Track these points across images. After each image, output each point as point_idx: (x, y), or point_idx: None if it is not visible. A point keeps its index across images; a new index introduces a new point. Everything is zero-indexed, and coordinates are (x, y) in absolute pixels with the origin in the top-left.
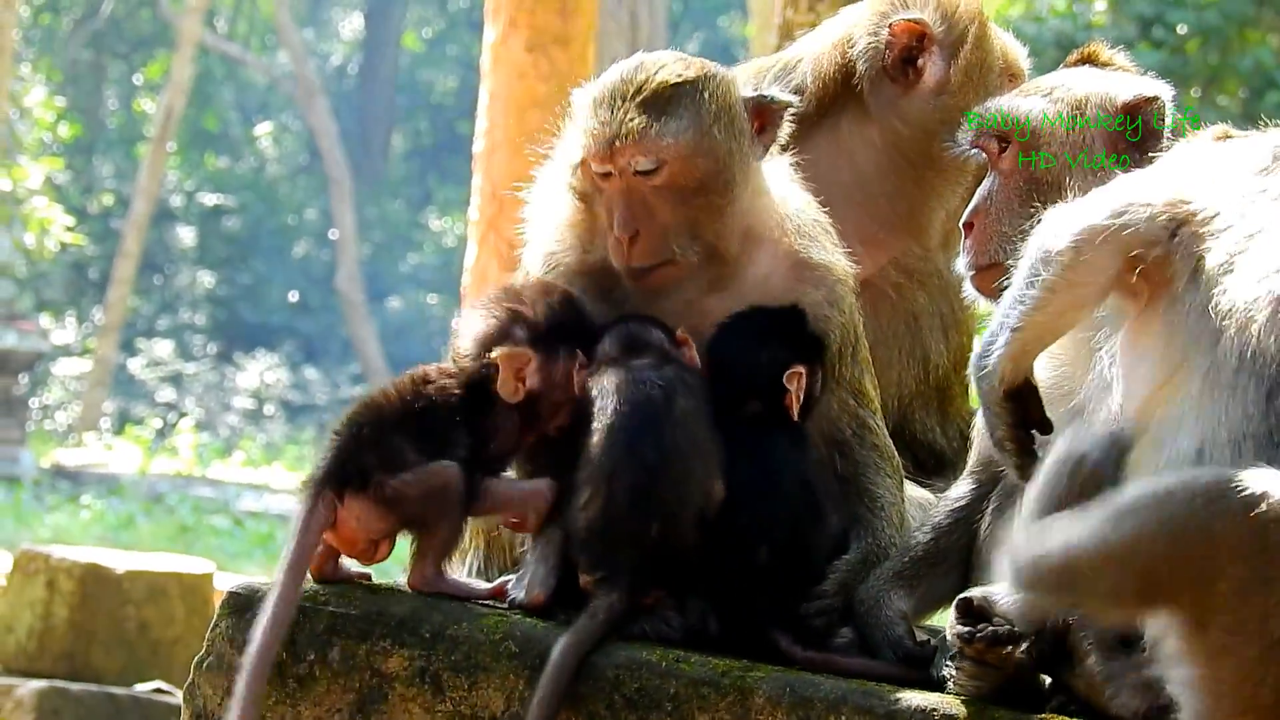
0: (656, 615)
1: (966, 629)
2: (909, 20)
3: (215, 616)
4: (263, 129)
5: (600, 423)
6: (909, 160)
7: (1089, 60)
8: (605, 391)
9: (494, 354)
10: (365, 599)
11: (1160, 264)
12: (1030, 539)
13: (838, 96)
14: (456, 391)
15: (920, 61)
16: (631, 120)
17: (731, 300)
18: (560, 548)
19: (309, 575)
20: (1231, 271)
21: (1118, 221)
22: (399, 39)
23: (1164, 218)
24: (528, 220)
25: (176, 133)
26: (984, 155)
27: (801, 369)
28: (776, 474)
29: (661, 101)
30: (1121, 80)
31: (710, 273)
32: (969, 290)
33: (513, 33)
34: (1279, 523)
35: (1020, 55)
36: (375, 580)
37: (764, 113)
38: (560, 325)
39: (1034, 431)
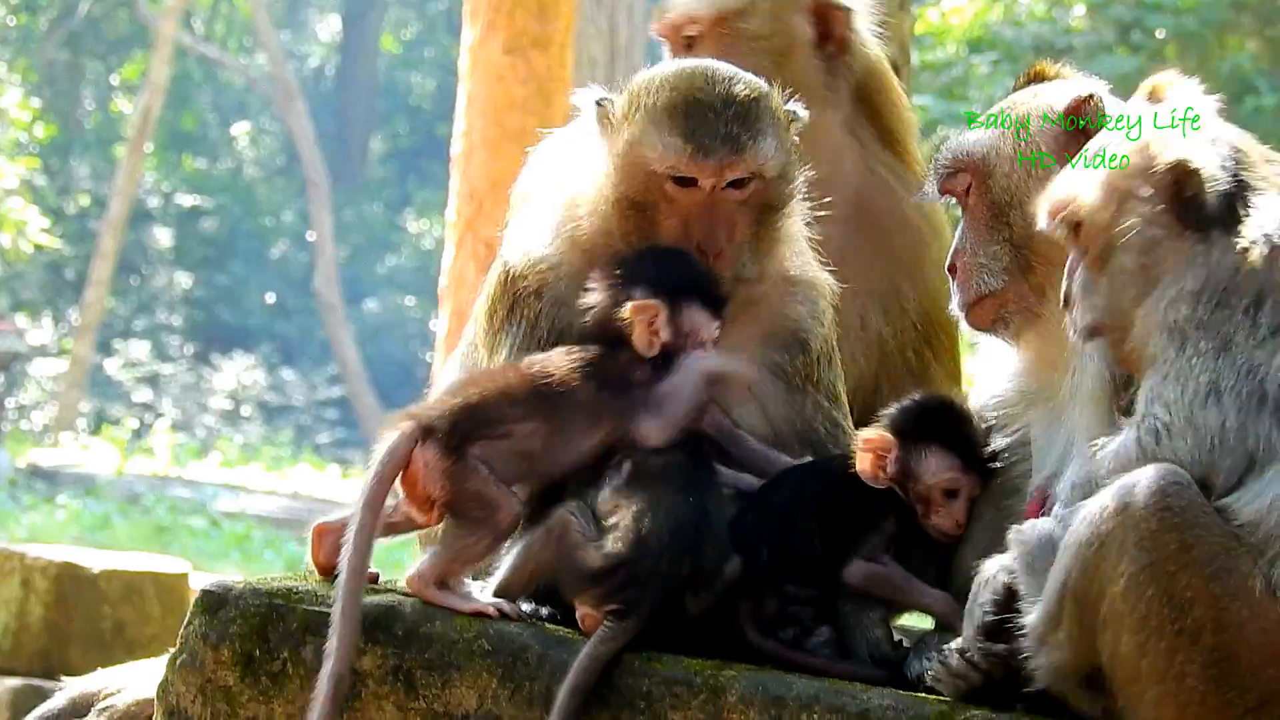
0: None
1: (997, 635)
2: None
3: (189, 614)
4: (240, 130)
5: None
6: None
7: (1037, 78)
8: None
9: (624, 310)
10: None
11: None
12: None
13: None
14: (576, 372)
15: None
16: (734, 132)
17: (732, 315)
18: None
19: (316, 570)
20: None
21: None
22: (377, 41)
23: None
24: (513, 224)
25: (154, 134)
26: (954, 200)
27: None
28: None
29: (752, 116)
30: (1058, 88)
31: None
32: (966, 329)
33: (491, 35)
34: (1150, 511)
35: None
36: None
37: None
38: (683, 279)
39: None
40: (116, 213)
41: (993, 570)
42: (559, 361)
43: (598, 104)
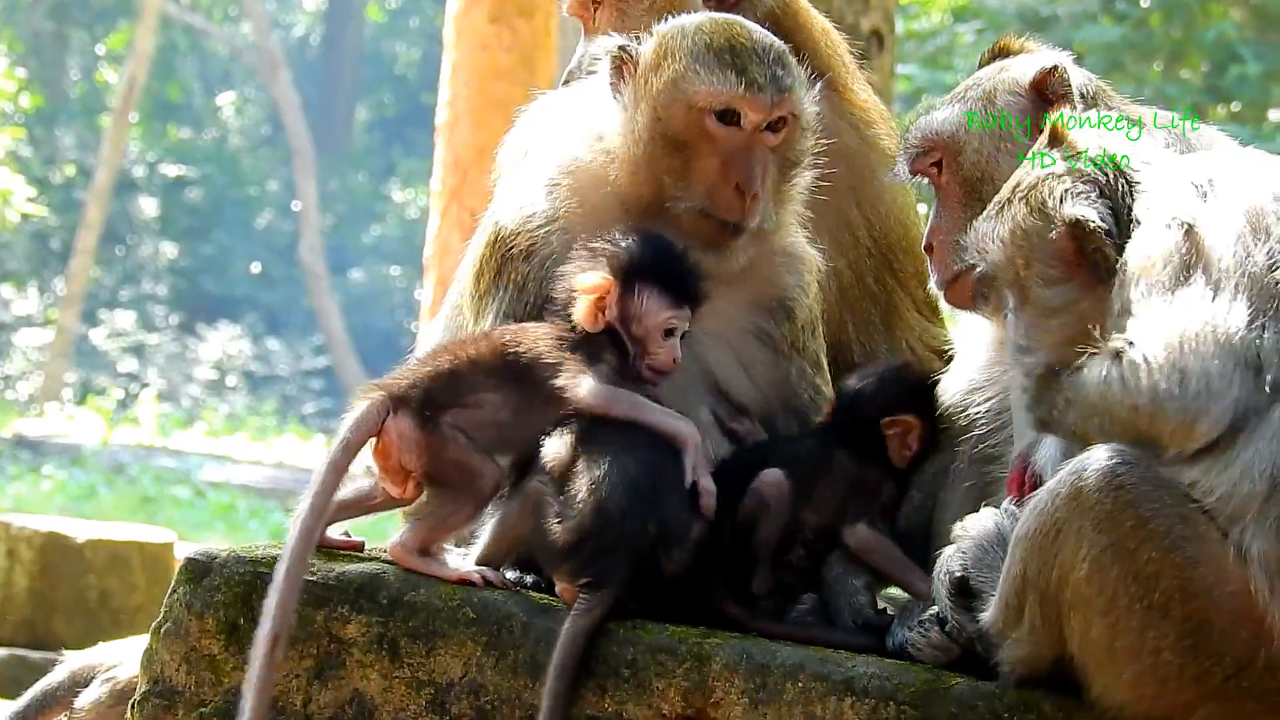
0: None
1: (966, 613)
2: None
3: (173, 583)
4: (225, 100)
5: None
6: None
7: (1003, 54)
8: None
9: (575, 283)
10: (323, 566)
11: None
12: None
13: None
14: (547, 350)
15: None
16: (778, 74)
17: (714, 269)
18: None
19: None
20: None
21: None
22: (362, 10)
23: None
24: (503, 184)
25: (139, 104)
26: (927, 180)
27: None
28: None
29: (789, 64)
30: (1021, 62)
31: (745, 249)
32: (945, 307)
33: (475, 4)
34: (1104, 492)
35: None
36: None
37: None
38: (649, 262)
39: None
40: (102, 182)
41: (948, 556)
42: (530, 333)
43: (621, 50)
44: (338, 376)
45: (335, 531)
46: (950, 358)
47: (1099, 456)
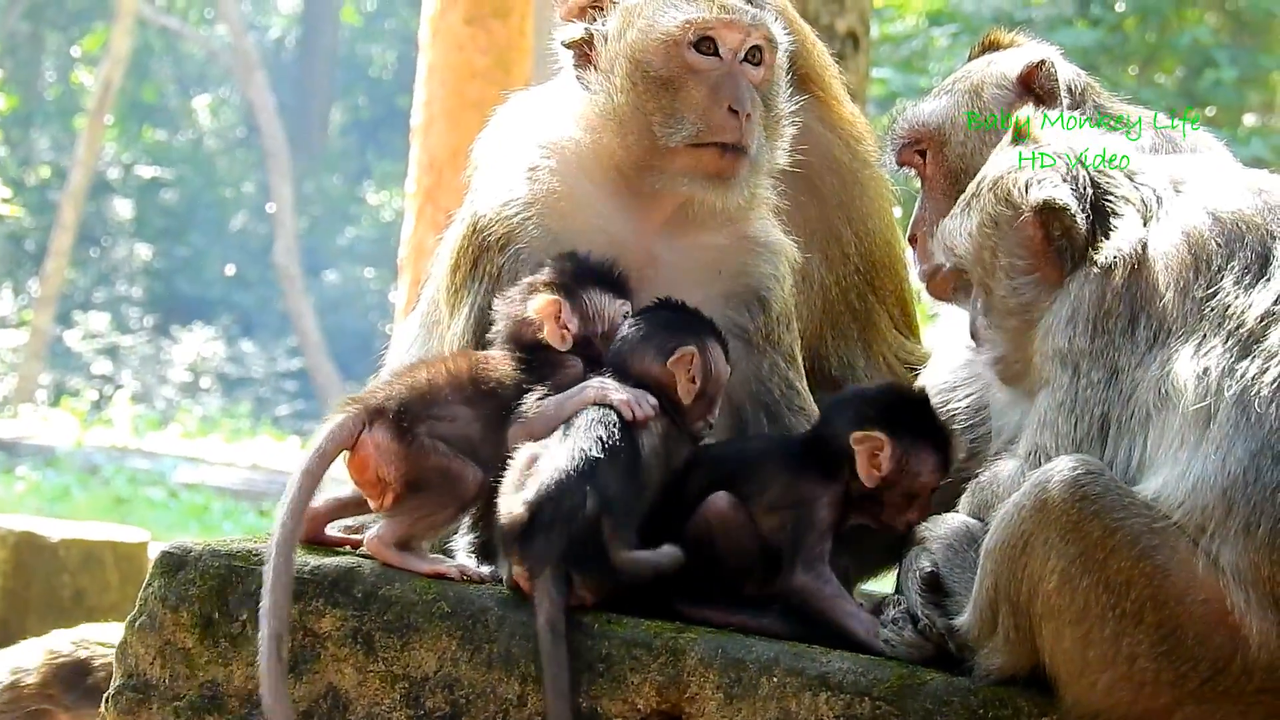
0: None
1: (936, 610)
2: None
3: (148, 576)
4: (201, 102)
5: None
6: None
7: (992, 47)
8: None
9: (527, 311)
10: (298, 560)
11: None
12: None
13: None
14: (514, 372)
15: None
16: (751, 7)
17: (694, 261)
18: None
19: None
20: None
21: None
22: (338, 13)
23: None
24: (479, 177)
25: (114, 105)
26: (914, 171)
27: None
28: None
29: (760, 4)
30: (1010, 56)
31: (719, 220)
32: (926, 297)
33: (451, 5)
34: (1069, 503)
35: None
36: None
37: None
38: (578, 271)
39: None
40: (77, 184)
41: (915, 555)
42: (501, 362)
43: (584, 32)
44: (312, 379)
45: (334, 529)
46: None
47: (1063, 467)
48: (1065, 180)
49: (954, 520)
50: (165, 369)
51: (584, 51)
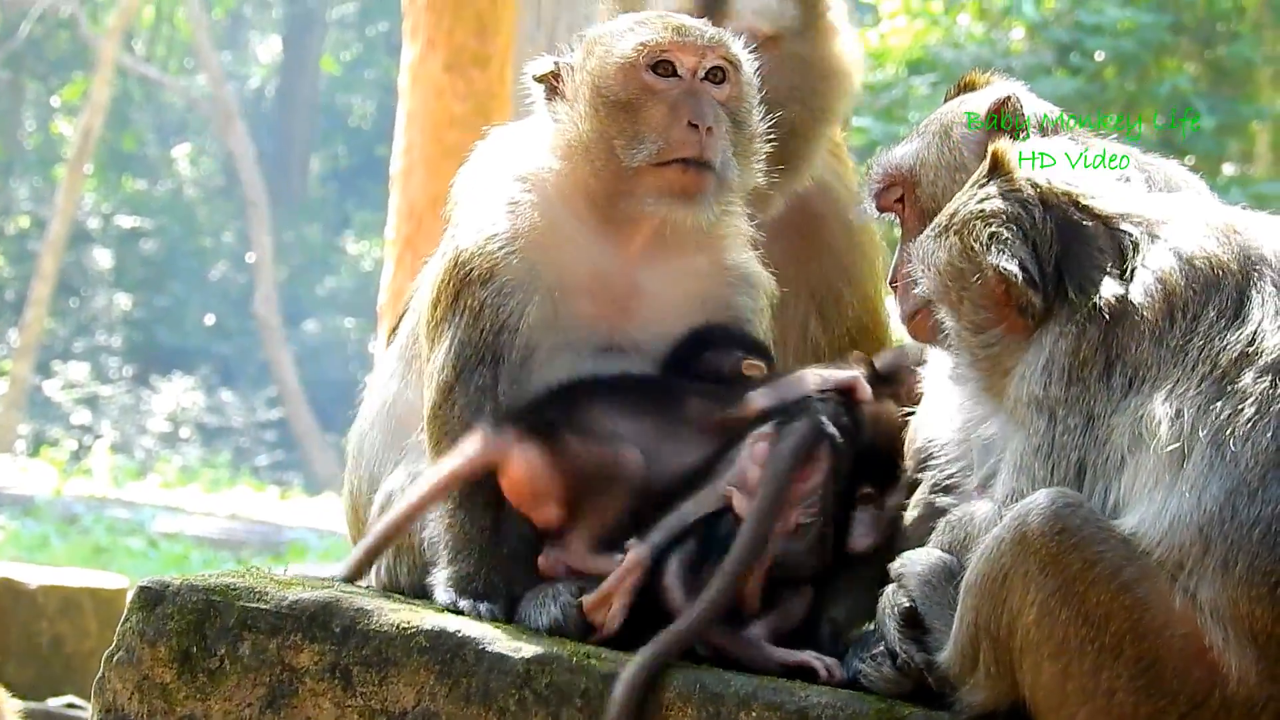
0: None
1: (915, 645)
2: None
3: (126, 611)
4: (180, 151)
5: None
6: None
7: (968, 89)
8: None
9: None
10: (276, 593)
11: None
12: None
13: None
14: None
15: None
16: (709, 27)
17: (677, 290)
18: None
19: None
20: None
21: None
22: (317, 62)
23: None
24: (459, 212)
25: (94, 155)
26: (894, 217)
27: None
28: None
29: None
30: (980, 94)
31: (695, 243)
32: (909, 340)
33: (431, 53)
34: (1048, 536)
35: None
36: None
37: None
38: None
39: None
40: (56, 233)
41: (892, 592)
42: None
43: (554, 65)
44: (291, 428)
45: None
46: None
47: (1042, 501)
48: (1029, 236)
49: (930, 556)
50: (144, 419)
51: (553, 84)
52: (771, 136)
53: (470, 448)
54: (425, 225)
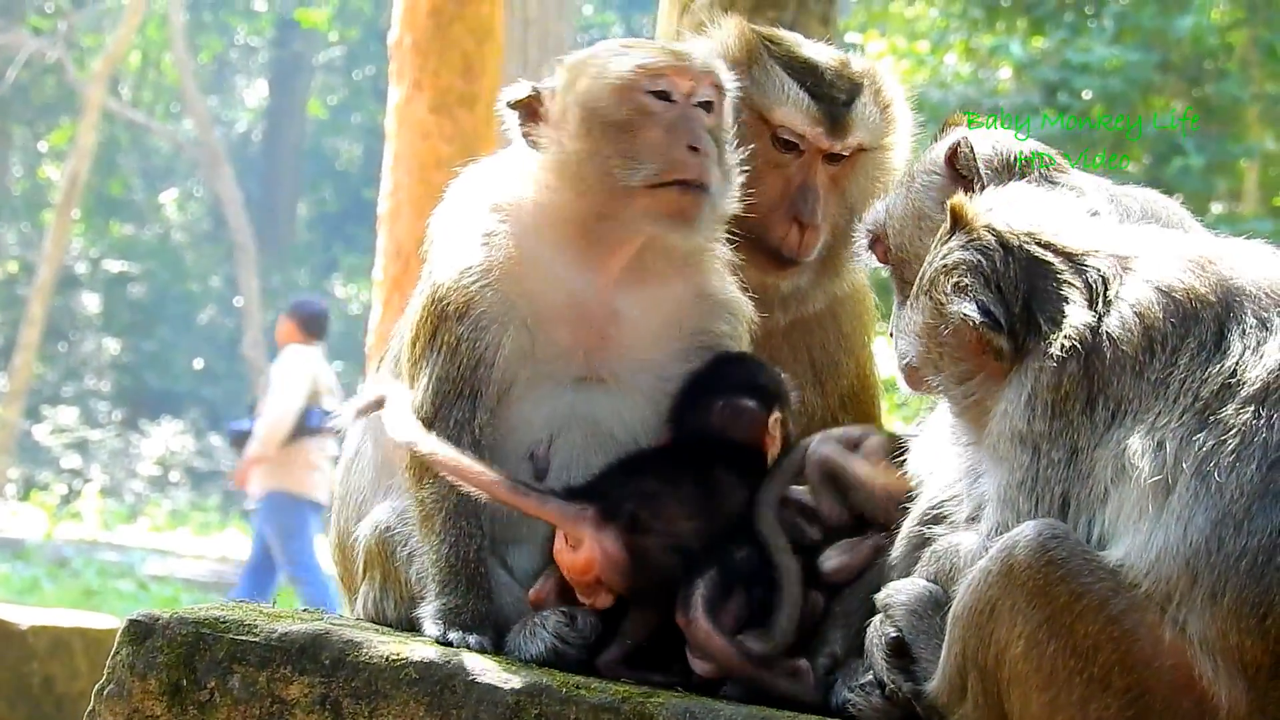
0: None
1: (902, 674)
2: None
3: (116, 644)
4: (168, 196)
5: None
6: None
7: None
8: None
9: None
10: (265, 626)
11: None
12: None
13: None
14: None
15: None
16: (699, 52)
17: (655, 315)
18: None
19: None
20: None
21: None
22: (303, 107)
23: None
24: (436, 248)
25: (81, 200)
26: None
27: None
28: None
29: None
30: (944, 139)
31: (674, 268)
32: (904, 389)
33: (417, 94)
34: (1036, 568)
35: None
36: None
37: None
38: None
39: None
40: (44, 278)
41: (879, 622)
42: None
43: (532, 90)
44: None
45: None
46: None
47: (1029, 532)
48: (990, 280)
49: (915, 586)
50: (134, 463)
51: (531, 110)
52: (832, 241)
53: (559, 506)
54: (412, 267)
